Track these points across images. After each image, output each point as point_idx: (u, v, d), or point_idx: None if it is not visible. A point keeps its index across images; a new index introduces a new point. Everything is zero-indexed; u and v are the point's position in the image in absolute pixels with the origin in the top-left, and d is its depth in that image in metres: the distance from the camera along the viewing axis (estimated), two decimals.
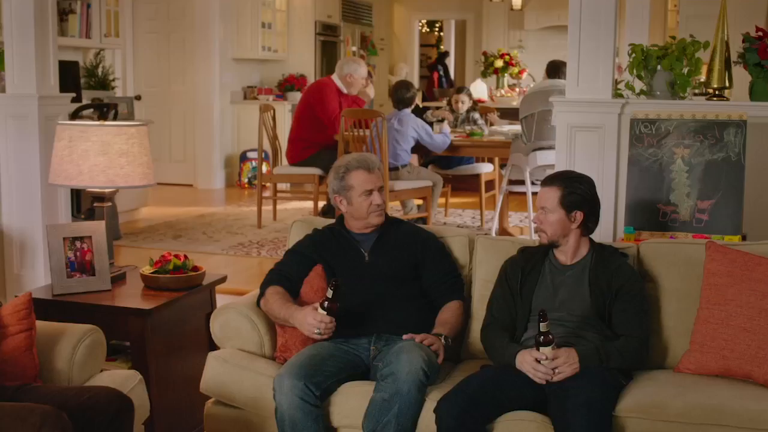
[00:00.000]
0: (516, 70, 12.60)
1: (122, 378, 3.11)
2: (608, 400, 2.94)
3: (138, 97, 9.81)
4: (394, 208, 8.15)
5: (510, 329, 3.29)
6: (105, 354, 3.26)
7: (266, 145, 8.14)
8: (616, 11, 4.36)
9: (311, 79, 11.16)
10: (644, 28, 7.28)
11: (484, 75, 12.63)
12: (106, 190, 3.92)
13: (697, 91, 4.62)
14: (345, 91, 7.83)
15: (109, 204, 4.02)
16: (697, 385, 3.06)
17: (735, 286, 3.16)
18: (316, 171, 7.61)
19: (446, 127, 7.83)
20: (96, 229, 3.86)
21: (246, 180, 10.55)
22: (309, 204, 8.38)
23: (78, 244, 3.81)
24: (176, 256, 3.92)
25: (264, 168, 8.17)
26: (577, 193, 3.29)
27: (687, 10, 8.24)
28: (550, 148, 6.25)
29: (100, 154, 3.75)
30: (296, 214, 7.17)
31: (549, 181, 3.37)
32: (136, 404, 2.91)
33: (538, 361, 3.02)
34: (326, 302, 3.18)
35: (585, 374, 2.99)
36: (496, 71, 12.52)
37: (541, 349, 3.01)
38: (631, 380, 3.14)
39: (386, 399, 3.03)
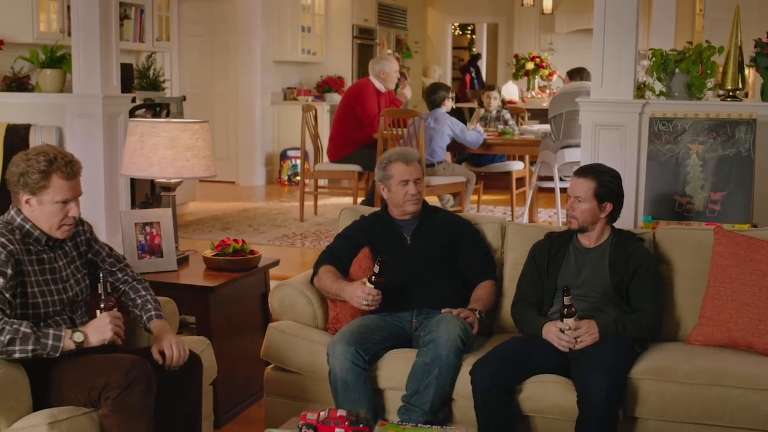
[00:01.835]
0: (546, 72, 12.79)
1: (193, 342, 3.45)
2: (624, 365, 3.27)
3: (183, 98, 10.18)
4: (431, 203, 8.48)
5: (537, 305, 3.62)
6: (178, 323, 3.65)
7: (308, 144, 8.49)
8: (638, 17, 4.67)
9: (348, 81, 11.49)
10: (670, 32, 7.52)
11: (515, 77, 12.84)
12: (172, 181, 4.32)
13: (721, 92, 4.93)
14: (383, 89, 8.17)
15: (175, 194, 4.42)
16: (704, 353, 3.39)
17: (739, 266, 3.48)
18: (355, 168, 7.95)
19: (479, 126, 8.22)
20: (163, 215, 4.24)
21: (286, 177, 10.86)
22: (347, 200, 8.67)
23: (147, 228, 4.19)
24: (235, 240, 4.30)
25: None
26: (608, 185, 3.60)
27: (712, 14, 8.44)
28: (577, 145, 6.59)
29: (168, 148, 4.14)
30: (336, 209, 7.56)
31: (582, 173, 3.67)
32: (205, 365, 3.28)
33: (562, 331, 3.36)
34: (373, 277, 3.52)
35: (604, 343, 3.32)
36: (527, 73, 12.73)
37: (565, 320, 3.35)
38: (645, 350, 3.45)
39: (427, 363, 3.37)
